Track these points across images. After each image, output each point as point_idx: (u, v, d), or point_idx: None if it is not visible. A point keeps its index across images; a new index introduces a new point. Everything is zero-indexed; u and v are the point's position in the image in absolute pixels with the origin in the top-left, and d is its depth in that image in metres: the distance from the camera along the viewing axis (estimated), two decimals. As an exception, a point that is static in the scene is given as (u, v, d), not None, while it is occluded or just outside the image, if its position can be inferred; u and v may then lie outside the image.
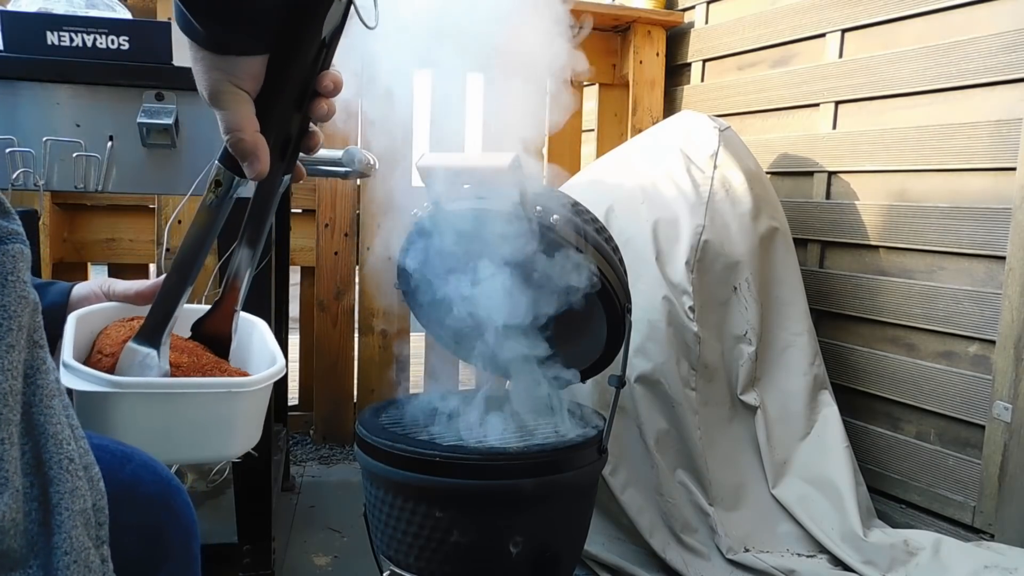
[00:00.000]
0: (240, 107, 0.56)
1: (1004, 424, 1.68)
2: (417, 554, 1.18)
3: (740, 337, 1.85)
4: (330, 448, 2.49)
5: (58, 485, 0.45)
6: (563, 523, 1.23)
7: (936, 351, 1.87)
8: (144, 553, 0.66)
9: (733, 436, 1.84)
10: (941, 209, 1.84)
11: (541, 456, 1.16)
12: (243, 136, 0.57)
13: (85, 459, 0.48)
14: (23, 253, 0.45)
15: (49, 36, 1.25)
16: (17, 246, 0.44)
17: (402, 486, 1.15)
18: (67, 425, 0.47)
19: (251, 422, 0.79)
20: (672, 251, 1.81)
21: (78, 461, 0.47)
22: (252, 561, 1.47)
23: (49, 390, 0.46)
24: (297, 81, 0.51)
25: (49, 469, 0.45)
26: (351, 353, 2.50)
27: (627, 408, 1.74)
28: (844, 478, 1.78)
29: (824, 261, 2.17)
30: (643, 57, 2.67)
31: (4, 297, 0.43)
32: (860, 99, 2.06)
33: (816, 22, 2.19)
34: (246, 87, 0.56)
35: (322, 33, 0.52)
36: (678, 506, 1.72)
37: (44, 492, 0.45)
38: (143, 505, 0.66)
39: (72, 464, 0.46)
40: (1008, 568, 1.56)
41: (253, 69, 0.55)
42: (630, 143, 2.17)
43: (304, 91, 0.53)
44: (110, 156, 1.29)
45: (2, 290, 0.43)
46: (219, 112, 0.58)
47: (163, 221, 2.20)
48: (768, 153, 2.29)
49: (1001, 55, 1.72)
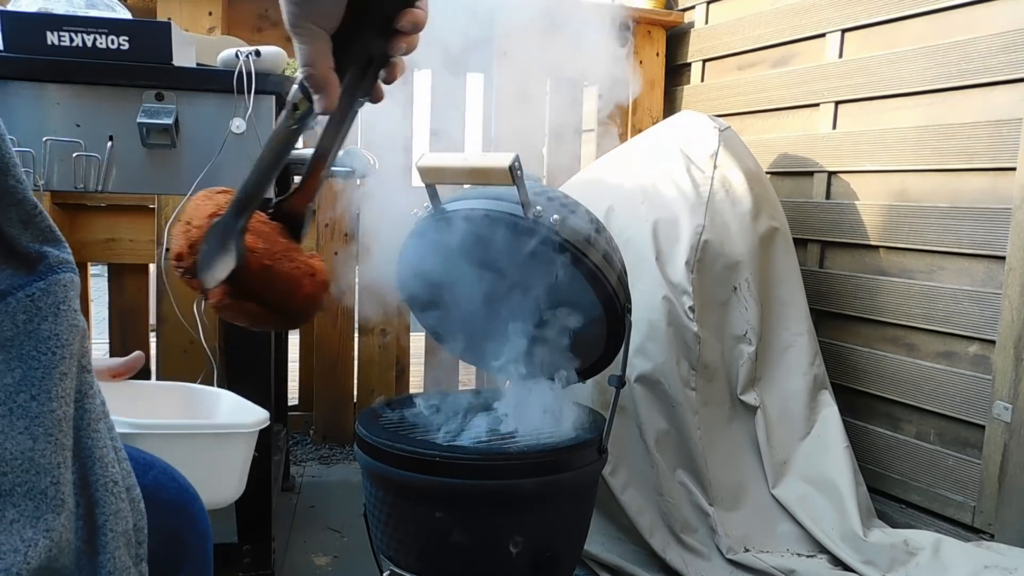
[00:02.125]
0: (314, 43, 0.58)
1: (1004, 424, 1.68)
2: (417, 554, 1.18)
3: (740, 337, 1.85)
4: (330, 448, 2.49)
5: (103, 507, 0.48)
6: (563, 523, 1.23)
7: (936, 351, 1.87)
8: (165, 557, 0.67)
9: (733, 436, 1.84)
10: (941, 209, 1.84)
11: (541, 456, 1.16)
12: (313, 71, 0.60)
13: (127, 481, 0.51)
14: (73, 281, 0.46)
15: (49, 36, 1.25)
16: (68, 275, 0.46)
17: (402, 486, 1.15)
18: (111, 448, 0.50)
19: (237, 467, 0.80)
20: (672, 251, 1.81)
21: (121, 483, 0.49)
22: (252, 561, 1.48)
23: (96, 414, 0.48)
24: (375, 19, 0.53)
25: (95, 491, 0.47)
26: (351, 353, 2.50)
27: (627, 408, 1.74)
28: (844, 478, 1.78)
29: (824, 261, 2.17)
30: (643, 57, 2.67)
31: (57, 326, 0.44)
32: (860, 99, 2.06)
33: (816, 22, 2.19)
34: (322, 24, 0.58)
35: None
36: (678, 506, 1.72)
37: (90, 513, 0.47)
38: (164, 511, 0.68)
39: (116, 486, 0.49)
40: (1008, 568, 1.56)
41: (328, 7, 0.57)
42: (630, 143, 2.17)
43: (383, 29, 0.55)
44: (110, 156, 1.29)
45: (55, 319, 0.44)
46: (295, 45, 0.60)
47: (163, 221, 2.20)
48: (768, 153, 2.29)
49: (1001, 55, 1.72)
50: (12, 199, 0.44)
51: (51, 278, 0.45)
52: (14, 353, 0.43)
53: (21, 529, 0.42)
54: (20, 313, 0.44)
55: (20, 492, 0.43)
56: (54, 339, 0.44)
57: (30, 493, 0.43)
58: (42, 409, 0.44)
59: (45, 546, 0.43)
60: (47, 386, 0.44)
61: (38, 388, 0.44)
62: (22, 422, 0.43)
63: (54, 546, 0.44)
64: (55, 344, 0.44)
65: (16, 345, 0.43)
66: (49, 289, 0.45)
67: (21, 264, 0.45)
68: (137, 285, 2.37)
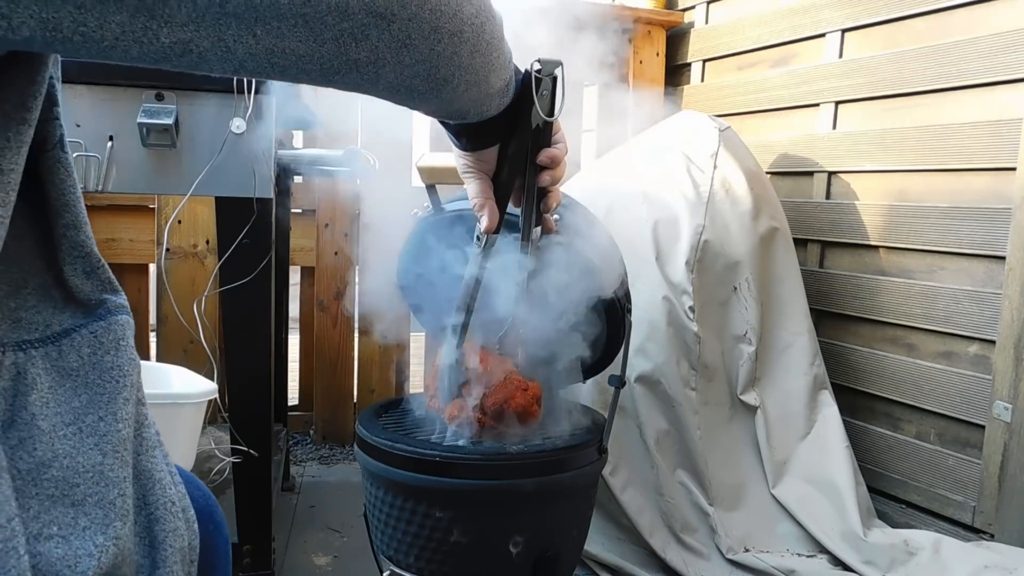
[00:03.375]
0: (474, 182, 0.78)
1: (1004, 424, 1.68)
2: (417, 554, 1.18)
3: (740, 337, 1.85)
4: (330, 448, 2.49)
5: (162, 524, 0.52)
6: (563, 523, 1.23)
7: (936, 351, 1.87)
8: (201, 565, 0.69)
9: (733, 436, 1.84)
10: (941, 209, 1.84)
11: (541, 456, 1.16)
12: (476, 201, 0.80)
13: (183, 502, 0.56)
14: (129, 323, 0.53)
15: (49, 36, 1.24)
16: (124, 317, 0.52)
17: (402, 486, 1.15)
18: (168, 472, 0.55)
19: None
20: (672, 251, 1.81)
21: (178, 504, 0.54)
22: (252, 561, 1.47)
23: (151, 442, 0.54)
24: (518, 160, 0.71)
25: (155, 510, 0.52)
26: (351, 353, 2.50)
27: (627, 408, 1.74)
28: (844, 478, 1.78)
29: (824, 261, 2.17)
30: (643, 57, 2.67)
31: (118, 359, 0.50)
32: (860, 99, 2.06)
33: (816, 22, 2.19)
34: (483, 168, 0.77)
35: (532, 124, 0.72)
36: (678, 506, 1.72)
37: (150, 530, 0.52)
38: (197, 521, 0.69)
39: (174, 507, 0.54)
40: (1008, 568, 1.55)
41: (485, 156, 0.76)
42: (630, 143, 2.17)
43: (525, 164, 0.73)
44: (110, 156, 1.29)
45: (116, 353, 0.50)
46: (466, 184, 0.80)
47: (163, 221, 2.20)
48: (768, 153, 2.29)
49: (1001, 55, 1.72)
50: (80, 252, 0.50)
51: (110, 319, 0.51)
52: (80, 381, 0.49)
53: (93, 536, 0.46)
54: (85, 347, 0.49)
55: (91, 502, 0.47)
56: (116, 370, 0.50)
57: (100, 503, 0.47)
58: (109, 428, 0.48)
59: (113, 552, 0.47)
60: (113, 408, 0.49)
61: (105, 410, 0.49)
62: (91, 439, 0.47)
63: (119, 553, 0.48)
64: (117, 374, 0.50)
65: (82, 375, 0.49)
66: (109, 328, 0.51)
67: (82, 307, 0.51)
68: (137, 285, 2.37)
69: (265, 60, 0.43)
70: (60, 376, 0.48)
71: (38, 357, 0.47)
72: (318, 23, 0.42)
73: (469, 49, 0.54)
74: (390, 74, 0.49)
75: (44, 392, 0.46)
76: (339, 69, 0.46)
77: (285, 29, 0.41)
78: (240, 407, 1.47)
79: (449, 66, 0.53)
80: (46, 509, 0.45)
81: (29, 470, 0.44)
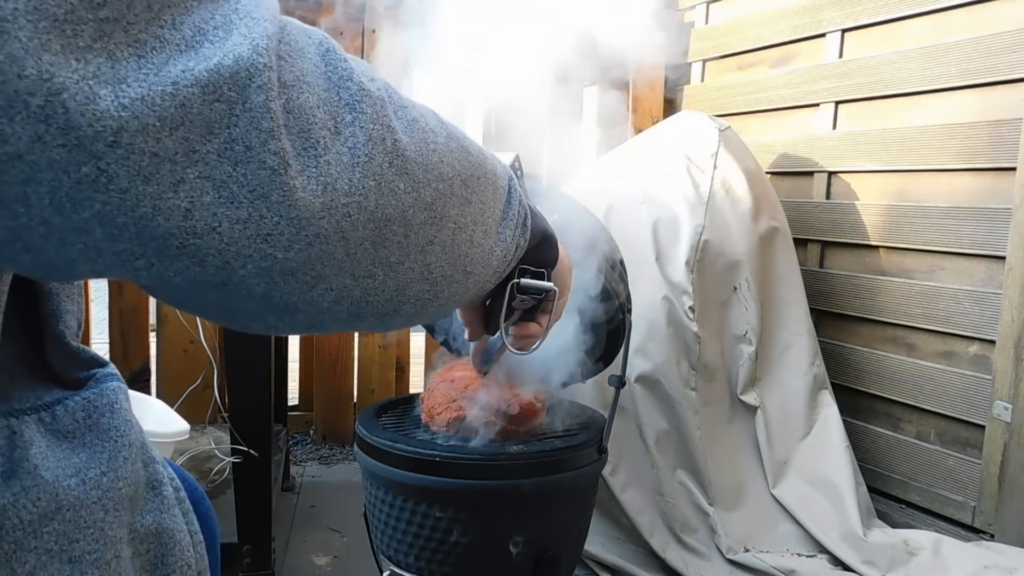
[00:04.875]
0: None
1: (1004, 424, 1.68)
2: (417, 554, 1.18)
3: (740, 337, 1.85)
4: (330, 448, 2.49)
5: None
6: (563, 523, 1.23)
7: (936, 351, 1.87)
8: None
9: (733, 436, 1.84)
10: (941, 209, 1.84)
11: (541, 456, 1.16)
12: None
13: (200, 565, 0.56)
14: (121, 388, 0.53)
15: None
16: (115, 383, 0.53)
17: (402, 486, 1.15)
18: (187, 532, 0.55)
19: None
20: (672, 251, 1.81)
21: (195, 567, 0.54)
22: (252, 561, 1.48)
23: (170, 501, 0.54)
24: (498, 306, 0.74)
25: (172, 572, 0.52)
26: (351, 353, 2.50)
27: (627, 408, 1.74)
28: (844, 478, 1.78)
29: (824, 261, 2.17)
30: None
31: (113, 420, 0.50)
32: (860, 99, 2.06)
33: (816, 22, 2.19)
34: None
35: (507, 288, 0.73)
36: (678, 506, 1.72)
37: None
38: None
39: (190, 569, 0.54)
40: (1008, 568, 1.55)
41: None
42: (630, 143, 2.17)
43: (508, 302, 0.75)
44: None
45: (111, 415, 0.50)
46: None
47: (163, 221, 2.19)
48: (768, 153, 2.29)
49: (1001, 55, 1.72)
50: (59, 341, 0.50)
51: (102, 387, 0.51)
52: (78, 441, 0.48)
53: None
54: (79, 412, 0.49)
55: (88, 560, 0.46)
56: (113, 430, 0.50)
57: (97, 563, 0.46)
58: (112, 485, 0.48)
59: None
60: (114, 466, 0.48)
61: (106, 466, 0.48)
62: (95, 492, 0.46)
63: None
64: (115, 434, 0.50)
65: (79, 435, 0.48)
66: (102, 393, 0.51)
67: (71, 385, 0.51)
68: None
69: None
70: (56, 438, 0.47)
71: (31, 422, 0.46)
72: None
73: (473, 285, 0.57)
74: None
75: (43, 448, 0.45)
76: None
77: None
78: (240, 407, 1.47)
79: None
80: (43, 564, 0.43)
81: (32, 521, 0.43)
